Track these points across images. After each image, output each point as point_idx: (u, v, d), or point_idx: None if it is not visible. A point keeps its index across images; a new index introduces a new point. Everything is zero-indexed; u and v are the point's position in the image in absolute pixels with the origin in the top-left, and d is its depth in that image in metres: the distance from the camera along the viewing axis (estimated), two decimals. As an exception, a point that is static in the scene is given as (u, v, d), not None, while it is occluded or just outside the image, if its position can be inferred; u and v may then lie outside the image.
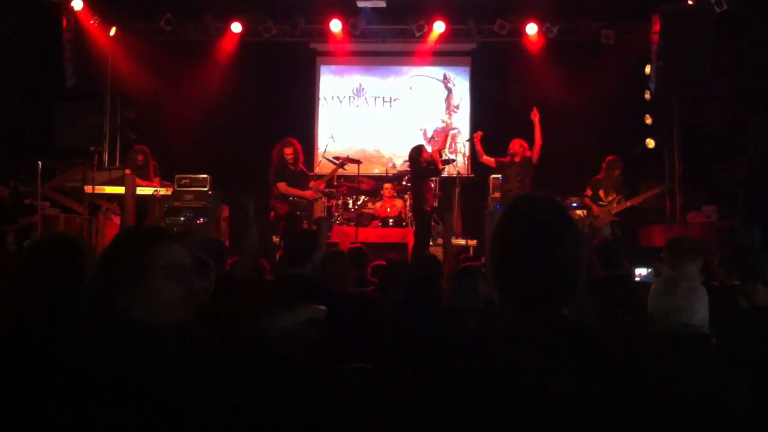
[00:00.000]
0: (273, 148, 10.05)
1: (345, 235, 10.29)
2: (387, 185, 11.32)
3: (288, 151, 9.86)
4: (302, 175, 10.17)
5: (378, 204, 11.17)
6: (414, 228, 10.36)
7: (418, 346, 3.34)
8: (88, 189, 10.22)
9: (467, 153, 12.69)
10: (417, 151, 10.13)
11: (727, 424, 2.64)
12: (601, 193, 10.43)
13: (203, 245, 4.36)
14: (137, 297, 1.97)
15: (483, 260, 7.27)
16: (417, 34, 12.55)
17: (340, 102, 13.76)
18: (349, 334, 2.66)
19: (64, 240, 2.88)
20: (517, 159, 10.07)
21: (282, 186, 9.85)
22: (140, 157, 10.79)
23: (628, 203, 10.46)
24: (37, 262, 2.75)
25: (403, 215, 11.06)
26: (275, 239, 10.36)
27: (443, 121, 13.60)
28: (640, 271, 5.22)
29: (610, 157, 10.49)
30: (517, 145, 10.10)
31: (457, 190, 11.74)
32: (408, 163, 10.66)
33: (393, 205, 11.10)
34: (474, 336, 2.28)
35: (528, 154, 10.07)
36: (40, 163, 9.89)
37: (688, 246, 4.23)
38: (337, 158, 11.46)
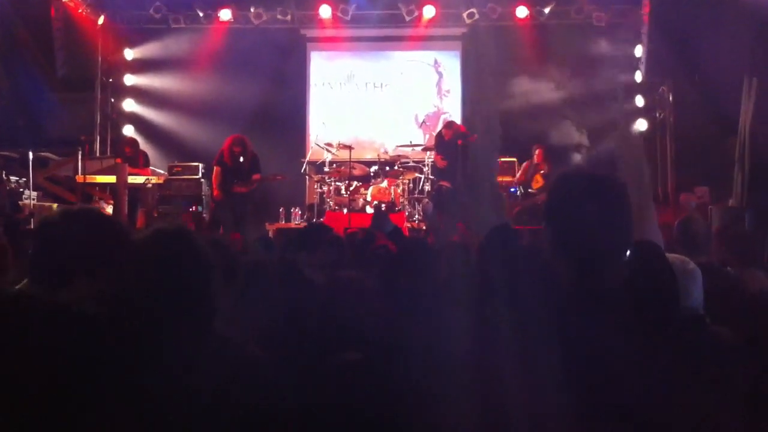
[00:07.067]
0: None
1: (338, 221, 10.25)
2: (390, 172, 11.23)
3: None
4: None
5: (373, 189, 11.06)
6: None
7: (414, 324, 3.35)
8: (80, 178, 10.18)
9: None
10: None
11: (722, 406, 2.65)
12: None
13: None
14: None
15: None
16: (407, 19, 12.50)
17: (331, 88, 13.68)
18: (343, 319, 2.64)
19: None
20: (459, 142, 9.50)
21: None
22: (128, 149, 10.79)
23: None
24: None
25: (396, 201, 11.01)
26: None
27: (435, 106, 13.54)
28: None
29: None
30: (456, 126, 9.77)
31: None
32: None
33: (387, 191, 11.04)
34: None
35: (465, 132, 9.66)
36: (31, 153, 9.85)
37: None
38: (329, 144, 11.43)
